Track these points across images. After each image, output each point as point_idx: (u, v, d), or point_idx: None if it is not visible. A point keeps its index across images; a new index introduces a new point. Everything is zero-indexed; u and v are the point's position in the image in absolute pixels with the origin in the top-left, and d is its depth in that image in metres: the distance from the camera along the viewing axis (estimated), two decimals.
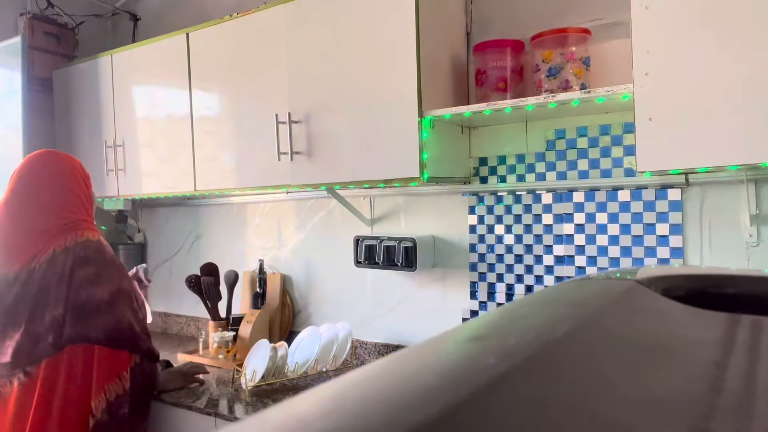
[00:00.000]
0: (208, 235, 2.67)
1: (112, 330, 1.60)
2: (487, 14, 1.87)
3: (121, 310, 1.63)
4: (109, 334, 1.59)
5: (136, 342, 1.65)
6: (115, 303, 1.62)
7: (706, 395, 0.28)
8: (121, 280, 1.67)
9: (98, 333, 1.58)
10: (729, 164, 1.23)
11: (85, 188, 1.79)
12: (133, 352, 1.64)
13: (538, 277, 1.81)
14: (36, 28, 2.63)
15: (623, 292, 0.50)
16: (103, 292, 1.61)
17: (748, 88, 1.18)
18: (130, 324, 1.63)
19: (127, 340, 1.63)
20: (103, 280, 1.63)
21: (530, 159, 1.81)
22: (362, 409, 0.25)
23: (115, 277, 1.65)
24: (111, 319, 1.60)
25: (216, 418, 1.73)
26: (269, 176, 1.95)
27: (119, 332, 1.61)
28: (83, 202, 1.76)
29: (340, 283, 2.24)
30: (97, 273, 1.63)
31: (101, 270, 1.63)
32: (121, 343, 1.62)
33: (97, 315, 1.59)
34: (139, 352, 1.66)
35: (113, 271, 1.66)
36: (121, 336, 1.61)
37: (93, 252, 1.65)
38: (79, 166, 1.82)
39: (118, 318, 1.62)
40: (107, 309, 1.61)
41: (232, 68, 2.05)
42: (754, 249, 1.50)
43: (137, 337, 1.65)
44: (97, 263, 1.64)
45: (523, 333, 0.38)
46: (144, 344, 1.68)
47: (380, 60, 1.68)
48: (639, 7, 1.30)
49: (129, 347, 1.63)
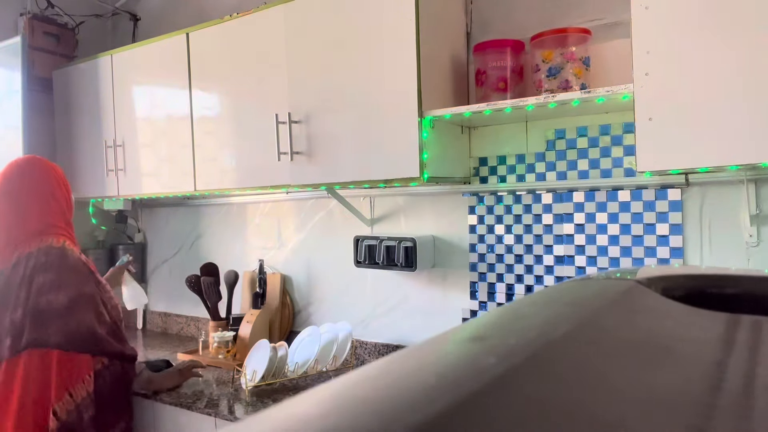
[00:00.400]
0: (208, 235, 2.67)
1: (71, 334, 1.61)
2: (487, 14, 1.87)
3: (81, 314, 1.64)
4: (69, 338, 1.61)
5: (99, 345, 1.65)
6: (74, 308, 1.63)
7: (705, 395, 0.28)
8: (82, 285, 1.68)
9: (58, 337, 1.60)
10: (729, 164, 1.23)
11: (66, 194, 1.82)
12: (96, 355, 1.65)
13: (538, 277, 1.81)
14: (36, 28, 2.63)
15: (623, 292, 0.50)
16: (62, 297, 1.63)
17: (748, 88, 1.19)
18: (91, 328, 1.64)
19: (87, 344, 1.64)
20: (63, 286, 1.64)
21: (530, 159, 1.81)
22: (362, 409, 0.25)
23: (76, 282, 1.67)
24: (71, 324, 1.62)
25: (216, 418, 1.73)
26: (269, 176, 1.95)
27: (79, 336, 1.62)
28: (62, 209, 1.79)
29: (340, 283, 2.24)
30: (57, 279, 1.64)
31: (61, 275, 1.65)
32: (81, 347, 1.63)
33: (57, 320, 1.61)
34: (105, 354, 1.66)
35: (74, 276, 1.67)
36: (80, 339, 1.63)
37: (54, 258, 1.67)
38: (61, 173, 1.86)
39: (78, 322, 1.63)
40: (66, 314, 1.62)
41: (232, 68, 2.05)
42: (754, 249, 1.50)
43: (100, 340, 1.66)
44: (57, 269, 1.66)
45: (523, 333, 0.38)
46: (110, 347, 1.68)
47: (380, 60, 1.68)
48: (639, 7, 1.30)
49: (90, 350, 1.64)
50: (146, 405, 1.91)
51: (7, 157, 2.59)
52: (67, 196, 1.84)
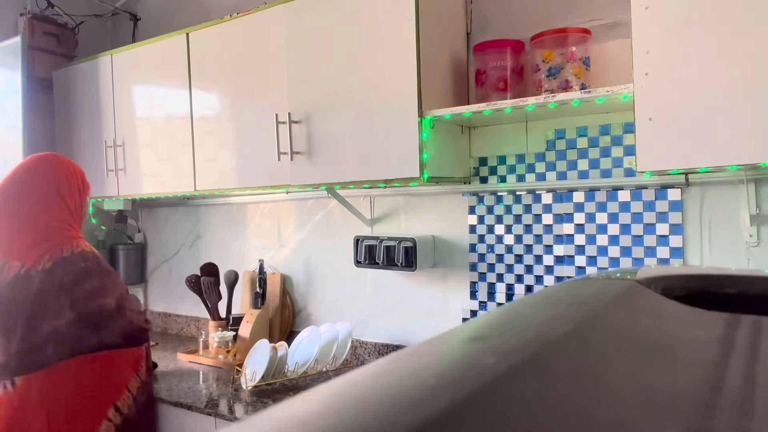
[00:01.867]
0: (208, 235, 2.67)
1: (125, 332, 1.69)
2: (487, 14, 1.87)
3: (128, 312, 1.72)
4: (125, 336, 1.69)
5: (145, 334, 1.77)
6: (122, 308, 1.70)
7: (705, 395, 0.28)
8: (120, 285, 1.76)
9: (115, 338, 1.66)
10: (729, 164, 1.23)
11: (78, 198, 1.80)
12: (144, 344, 1.76)
13: (538, 277, 1.81)
14: (36, 28, 2.63)
15: (623, 292, 0.50)
16: (110, 301, 1.68)
17: (748, 88, 1.18)
18: (138, 322, 1.75)
19: (140, 337, 1.74)
20: (109, 290, 1.69)
21: (530, 159, 1.81)
22: (362, 409, 0.25)
23: (115, 284, 1.74)
24: (123, 323, 1.69)
25: (216, 418, 1.73)
26: (269, 176, 1.95)
27: (132, 332, 1.71)
28: (70, 211, 1.76)
29: (340, 283, 2.24)
30: (101, 284, 1.68)
31: (104, 280, 1.69)
32: (136, 341, 1.72)
33: (110, 322, 1.66)
34: (147, 339, 1.78)
35: (112, 279, 1.74)
36: (134, 334, 1.72)
37: (92, 264, 1.69)
38: (79, 174, 1.84)
39: (129, 320, 1.71)
40: (117, 314, 1.68)
41: (232, 68, 2.05)
42: (754, 249, 1.50)
43: (144, 331, 1.77)
44: (98, 275, 1.69)
45: (523, 333, 0.38)
46: (150, 332, 1.80)
47: (380, 60, 1.68)
48: (639, 7, 1.30)
49: (141, 342, 1.74)
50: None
51: (6, 157, 2.60)
52: (79, 200, 1.82)
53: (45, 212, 1.70)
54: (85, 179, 1.86)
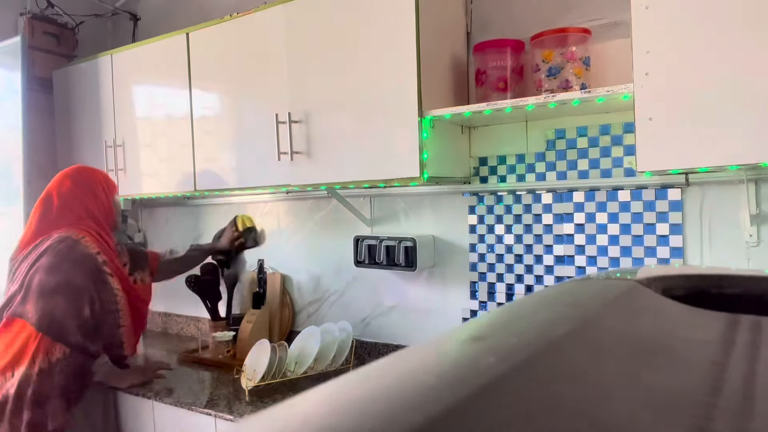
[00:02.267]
0: (208, 235, 2.67)
1: (44, 315, 1.72)
2: (487, 14, 1.87)
3: (59, 300, 1.74)
4: (40, 319, 1.72)
5: (62, 334, 1.74)
6: (56, 293, 1.74)
7: (705, 395, 0.28)
8: (75, 276, 1.77)
9: (33, 315, 1.73)
10: (729, 164, 1.23)
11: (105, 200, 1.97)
12: (57, 342, 1.74)
13: (538, 277, 1.81)
14: (36, 28, 2.63)
15: (623, 292, 0.50)
16: (50, 280, 1.74)
17: (749, 89, 1.18)
18: (62, 316, 1.74)
19: (52, 329, 1.73)
20: (56, 271, 1.75)
21: (530, 159, 1.81)
22: (362, 409, 0.25)
23: (70, 271, 1.77)
24: (47, 306, 1.73)
25: (216, 418, 1.73)
26: (269, 176, 1.95)
27: (48, 319, 1.73)
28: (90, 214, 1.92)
29: (340, 283, 2.24)
30: (55, 263, 1.76)
31: (61, 262, 1.76)
32: (47, 330, 1.73)
33: (39, 299, 1.73)
34: (66, 344, 1.75)
35: (71, 266, 1.77)
36: (47, 323, 1.73)
37: (64, 246, 1.78)
38: (102, 179, 2.00)
39: (54, 306, 1.73)
40: (48, 296, 1.73)
41: (232, 68, 2.05)
42: (754, 249, 1.50)
43: (66, 330, 1.74)
44: (60, 255, 1.77)
45: (523, 333, 0.38)
46: (72, 339, 1.76)
47: (380, 60, 1.68)
48: (639, 7, 1.30)
49: (53, 336, 1.73)
50: (146, 405, 1.91)
51: (7, 157, 2.60)
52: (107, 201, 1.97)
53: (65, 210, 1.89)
54: (110, 181, 2.03)
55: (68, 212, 1.88)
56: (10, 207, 2.62)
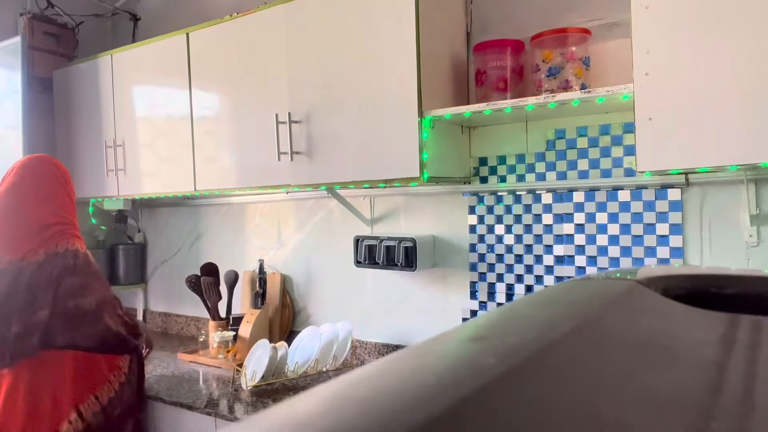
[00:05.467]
0: (208, 235, 2.67)
1: (100, 338, 1.67)
2: (487, 14, 1.87)
3: (106, 318, 1.70)
4: (98, 341, 1.67)
5: (124, 344, 1.74)
6: (101, 312, 1.69)
7: (706, 395, 0.28)
8: (105, 290, 1.76)
9: (87, 341, 1.66)
10: (729, 164, 1.23)
11: (70, 191, 1.89)
12: (122, 354, 1.74)
13: (538, 277, 1.81)
14: (36, 28, 2.63)
15: (623, 292, 0.50)
16: (90, 302, 1.68)
17: (748, 88, 1.18)
18: (116, 331, 1.72)
19: (115, 346, 1.72)
20: (90, 291, 1.70)
21: (530, 159, 1.81)
22: (362, 409, 0.25)
23: (100, 287, 1.75)
24: (99, 328, 1.68)
25: (216, 418, 1.73)
26: (269, 176, 1.95)
27: (107, 339, 1.69)
28: (67, 209, 1.82)
29: (340, 283, 2.24)
30: (84, 283, 1.70)
31: (87, 281, 1.72)
32: (110, 349, 1.70)
33: (85, 323, 1.66)
34: (129, 352, 1.76)
35: (98, 282, 1.76)
36: (109, 342, 1.70)
37: (81, 263, 1.73)
38: (68, 174, 1.91)
39: (106, 326, 1.69)
40: (94, 318, 1.68)
41: (232, 68, 2.05)
42: (754, 249, 1.50)
43: (125, 341, 1.74)
44: (83, 274, 1.72)
45: (523, 333, 0.38)
46: (132, 344, 1.77)
47: (380, 60, 1.68)
48: (639, 7, 1.30)
49: (118, 352, 1.73)
50: (146, 405, 1.91)
51: (6, 157, 2.60)
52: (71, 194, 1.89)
53: (41, 207, 1.73)
54: (69, 179, 1.90)
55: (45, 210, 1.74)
56: None
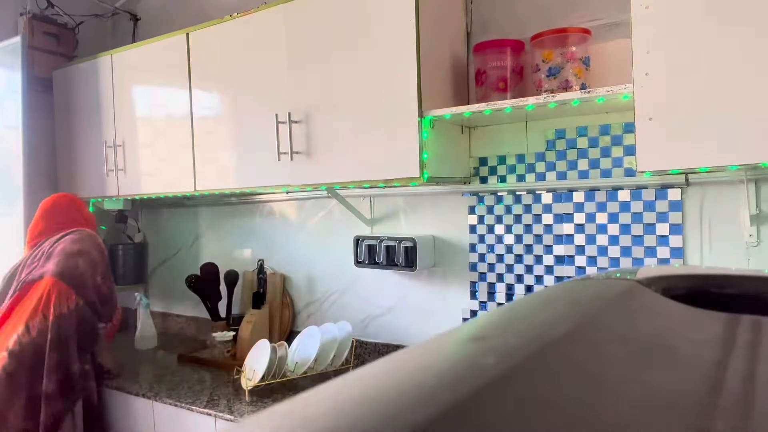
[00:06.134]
0: (208, 235, 2.67)
1: (65, 268, 1.92)
2: (487, 14, 1.87)
3: (81, 261, 1.95)
4: (62, 270, 1.91)
5: (81, 285, 1.93)
6: (79, 256, 1.96)
7: (706, 395, 0.28)
8: (93, 251, 2.01)
9: (54, 268, 1.92)
10: (729, 164, 1.23)
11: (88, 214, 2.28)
12: (74, 292, 1.91)
13: (538, 277, 1.81)
14: (36, 28, 2.63)
15: (623, 292, 0.50)
16: (73, 247, 1.98)
17: (748, 88, 1.18)
18: (84, 273, 1.95)
19: (73, 279, 1.92)
20: (79, 243, 1.99)
21: (530, 159, 1.81)
22: (362, 408, 0.25)
23: (90, 247, 2.01)
24: (70, 262, 1.94)
25: (216, 418, 1.73)
26: (269, 176, 1.95)
27: (71, 271, 1.92)
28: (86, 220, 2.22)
29: (340, 283, 2.24)
30: (77, 239, 2.01)
31: (81, 239, 2.02)
32: (68, 279, 1.91)
33: (62, 257, 1.94)
34: (83, 297, 1.93)
35: (91, 245, 2.02)
36: (70, 274, 1.92)
37: (86, 236, 2.05)
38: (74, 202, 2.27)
39: (77, 264, 1.94)
40: (71, 256, 1.95)
41: (232, 68, 2.05)
42: (754, 249, 1.50)
43: (84, 282, 1.94)
44: (82, 236, 2.03)
45: (523, 333, 0.38)
46: (89, 294, 1.95)
47: (380, 60, 1.68)
48: (639, 7, 1.30)
49: (73, 285, 1.91)
50: (146, 405, 1.91)
51: (6, 157, 2.60)
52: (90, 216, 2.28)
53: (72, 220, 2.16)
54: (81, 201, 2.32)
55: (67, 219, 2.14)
56: (10, 207, 2.61)
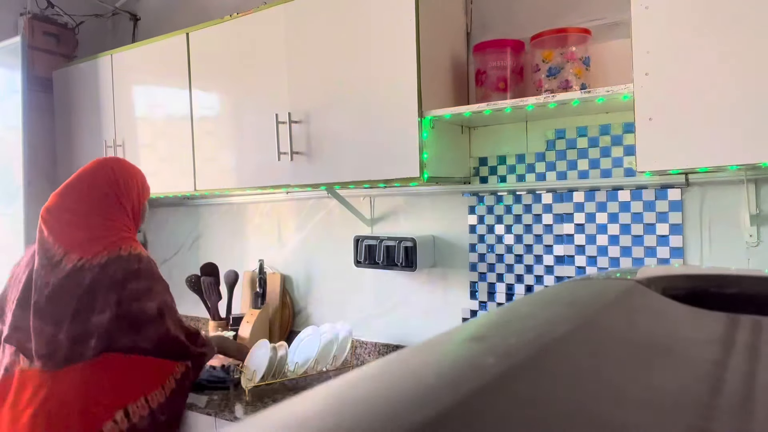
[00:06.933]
0: (208, 235, 2.67)
1: (160, 342, 1.65)
2: (487, 14, 1.87)
3: (168, 322, 1.69)
4: (159, 345, 1.65)
5: (184, 350, 1.71)
6: (162, 317, 1.67)
7: (705, 395, 0.28)
8: (166, 294, 1.73)
9: (148, 344, 1.63)
10: (729, 164, 1.23)
11: (136, 202, 1.81)
12: (180, 360, 1.70)
13: (538, 277, 1.81)
14: (36, 28, 2.63)
15: (623, 292, 0.50)
16: (152, 306, 1.66)
17: (748, 88, 1.18)
18: (176, 336, 1.69)
19: (174, 352, 1.69)
20: (153, 295, 1.68)
21: (530, 159, 1.81)
22: (362, 408, 0.25)
23: (162, 291, 1.72)
24: (161, 331, 1.66)
25: (216, 418, 1.73)
26: (269, 176, 1.95)
27: (168, 342, 1.67)
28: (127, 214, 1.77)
29: (340, 283, 2.24)
30: (148, 287, 1.67)
31: (151, 285, 1.69)
32: (169, 354, 1.68)
33: (148, 327, 1.64)
34: (189, 358, 1.72)
35: (161, 286, 1.72)
36: (168, 347, 1.67)
37: (145, 267, 1.69)
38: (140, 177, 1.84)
39: (167, 330, 1.67)
40: (156, 322, 1.66)
41: (232, 68, 2.05)
42: (754, 249, 1.50)
43: (185, 347, 1.71)
44: (148, 278, 1.69)
45: (522, 333, 0.38)
46: (192, 350, 1.73)
47: (380, 60, 1.68)
48: (639, 7, 1.30)
49: (175, 357, 1.69)
50: None
51: (7, 157, 2.60)
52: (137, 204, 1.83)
53: (103, 211, 1.72)
54: (146, 183, 1.86)
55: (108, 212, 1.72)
56: (10, 207, 2.61)
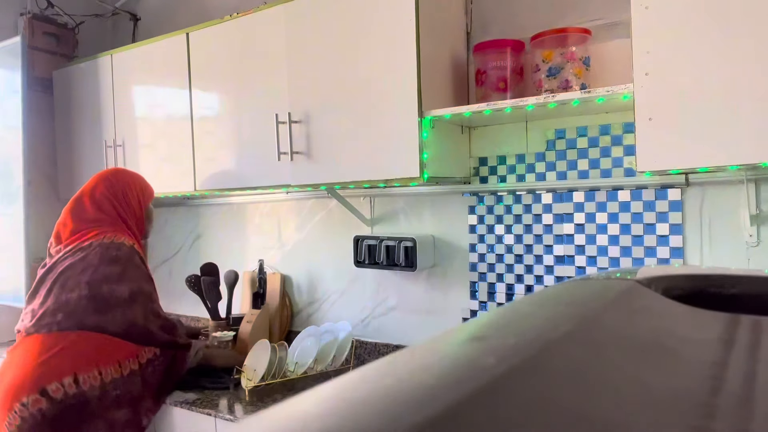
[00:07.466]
0: (208, 235, 2.67)
1: (128, 325, 1.76)
2: (487, 14, 1.87)
3: (138, 308, 1.78)
4: (125, 328, 1.75)
5: (150, 337, 1.79)
6: (133, 301, 1.78)
7: (706, 395, 0.28)
8: (142, 281, 1.83)
9: (116, 327, 1.74)
10: (729, 164, 1.23)
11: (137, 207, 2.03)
12: (145, 346, 1.78)
13: (538, 277, 1.81)
14: (36, 28, 2.63)
15: (623, 292, 0.50)
16: (123, 290, 1.77)
17: (748, 88, 1.18)
18: (144, 322, 1.79)
19: (140, 336, 1.77)
20: (126, 280, 1.79)
21: (530, 159, 1.81)
22: (362, 409, 0.25)
23: (137, 278, 1.82)
24: (128, 315, 1.76)
25: (216, 418, 1.73)
26: (269, 176, 1.95)
27: (135, 328, 1.77)
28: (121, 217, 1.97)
29: (340, 283, 2.24)
30: (121, 272, 1.79)
31: (126, 270, 1.80)
32: (135, 338, 1.76)
33: (117, 310, 1.75)
34: (156, 345, 1.81)
35: (137, 273, 1.83)
36: (135, 332, 1.76)
37: (124, 254, 1.83)
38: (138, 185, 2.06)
39: (135, 315, 1.77)
40: (125, 306, 1.76)
41: (232, 68, 2.05)
42: (754, 249, 1.50)
43: (152, 333, 1.80)
44: (124, 264, 1.81)
45: (522, 333, 0.38)
46: (161, 338, 1.81)
47: (380, 60, 1.68)
48: (639, 7, 1.30)
49: (141, 342, 1.77)
50: None
51: (6, 157, 2.60)
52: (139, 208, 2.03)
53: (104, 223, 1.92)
54: (146, 187, 2.08)
55: (101, 213, 1.93)
56: (10, 207, 2.61)
